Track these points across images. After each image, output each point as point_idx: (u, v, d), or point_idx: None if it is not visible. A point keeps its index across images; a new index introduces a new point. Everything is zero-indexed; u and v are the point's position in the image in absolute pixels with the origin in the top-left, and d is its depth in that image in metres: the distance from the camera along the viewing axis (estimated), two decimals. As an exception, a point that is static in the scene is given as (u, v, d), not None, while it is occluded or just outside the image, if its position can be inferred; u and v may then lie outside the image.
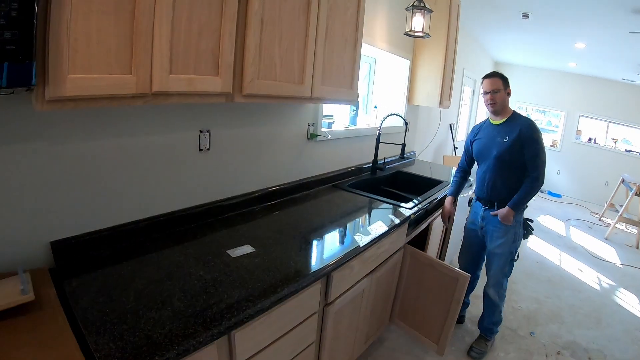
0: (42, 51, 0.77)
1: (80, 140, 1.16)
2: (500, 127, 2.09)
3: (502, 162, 2.06)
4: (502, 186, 2.09)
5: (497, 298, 2.22)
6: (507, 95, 2.07)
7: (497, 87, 2.04)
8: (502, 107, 2.07)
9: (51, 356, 0.79)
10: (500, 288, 2.21)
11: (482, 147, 2.19)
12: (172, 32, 0.97)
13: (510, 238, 2.11)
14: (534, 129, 2.00)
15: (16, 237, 1.08)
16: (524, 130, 1.98)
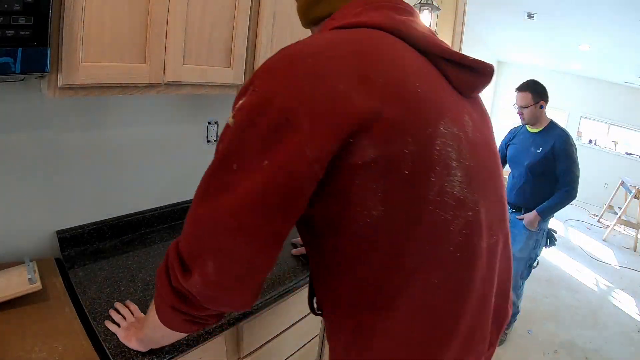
0: (56, 38, 0.76)
1: (87, 129, 1.15)
2: (536, 136, 2.09)
3: (533, 172, 2.07)
4: (531, 194, 2.10)
5: (515, 298, 2.24)
6: (539, 108, 2.04)
7: (526, 103, 2.03)
8: (535, 120, 2.07)
9: (60, 346, 0.78)
10: (517, 289, 2.24)
11: (516, 153, 2.21)
12: (186, 23, 0.96)
13: (531, 244, 2.10)
14: (569, 143, 1.97)
15: (22, 227, 1.07)
16: (558, 144, 1.97)
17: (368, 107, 0.41)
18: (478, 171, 0.52)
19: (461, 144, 0.49)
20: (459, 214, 0.48)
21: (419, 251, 0.48)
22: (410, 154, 0.43)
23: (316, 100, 0.41)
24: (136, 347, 0.79)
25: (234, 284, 0.47)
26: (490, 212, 0.55)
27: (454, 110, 0.50)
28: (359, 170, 0.43)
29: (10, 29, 0.67)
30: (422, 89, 0.45)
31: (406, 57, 0.48)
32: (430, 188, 0.45)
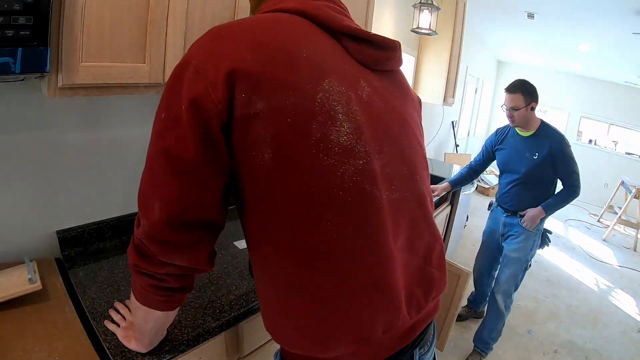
0: (56, 38, 0.76)
1: (87, 129, 1.16)
2: (529, 140, 2.00)
3: (531, 178, 2.00)
4: (528, 198, 2.04)
5: (503, 307, 2.12)
6: (530, 110, 1.95)
7: (517, 104, 1.92)
8: (525, 122, 1.98)
9: (60, 346, 0.78)
10: (508, 298, 2.12)
11: (509, 159, 2.10)
12: (186, 22, 0.96)
13: (529, 245, 2.05)
14: (565, 144, 1.92)
15: (22, 227, 1.08)
16: (555, 147, 1.90)
17: (257, 66, 0.51)
18: (374, 129, 0.59)
19: (351, 102, 0.57)
20: (346, 160, 0.55)
21: (311, 194, 0.54)
22: (292, 105, 0.52)
23: (219, 57, 0.51)
24: (135, 347, 0.79)
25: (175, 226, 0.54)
26: (391, 168, 0.61)
27: (346, 74, 0.58)
28: (251, 119, 0.51)
29: (10, 29, 0.67)
30: (307, 54, 0.55)
31: (304, 32, 0.58)
32: (312, 134, 0.53)
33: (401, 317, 0.62)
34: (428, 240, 0.69)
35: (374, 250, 0.58)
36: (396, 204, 0.61)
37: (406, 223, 0.64)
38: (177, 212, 0.54)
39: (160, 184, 0.55)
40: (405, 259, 0.64)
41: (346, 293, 0.57)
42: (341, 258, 0.56)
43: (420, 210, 0.67)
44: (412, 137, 0.68)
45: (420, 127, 0.75)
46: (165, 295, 0.62)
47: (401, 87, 0.71)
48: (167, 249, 0.56)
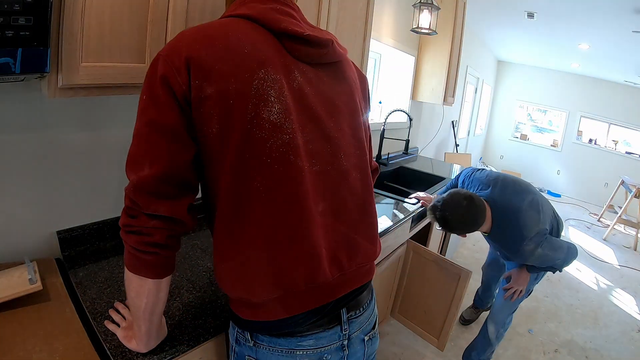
0: (56, 38, 0.76)
1: (87, 129, 1.15)
2: (491, 240, 1.79)
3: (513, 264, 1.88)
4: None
5: (494, 337, 1.98)
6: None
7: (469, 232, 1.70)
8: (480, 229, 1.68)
9: (60, 346, 0.78)
10: (502, 327, 1.96)
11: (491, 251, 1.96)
12: (187, 22, 0.96)
13: (532, 275, 1.84)
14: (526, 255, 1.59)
15: (22, 227, 1.07)
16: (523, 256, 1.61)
17: (208, 60, 0.66)
18: (300, 111, 0.72)
19: (283, 88, 0.70)
20: (274, 135, 0.68)
21: (246, 160, 0.67)
22: (233, 90, 0.66)
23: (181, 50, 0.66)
24: (135, 347, 0.79)
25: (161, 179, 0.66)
26: (313, 144, 0.74)
27: (281, 66, 0.71)
28: (203, 100, 0.66)
29: (10, 30, 0.67)
30: (248, 50, 0.68)
31: (248, 33, 0.70)
32: (248, 113, 0.67)
33: (321, 271, 0.73)
34: (356, 213, 0.81)
35: (295, 209, 0.70)
36: (317, 175, 0.74)
37: (329, 193, 0.76)
38: (163, 167, 0.66)
39: (149, 146, 0.67)
40: (327, 223, 0.75)
41: (269, 242, 0.70)
42: (267, 213, 0.69)
43: (344, 184, 0.79)
44: (341, 120, 0.80)
45: (357, 111, 0.85)
46: (153, 253, 0.69)
47: (338, 77, 0.82)
48: (153, 198, 0.67)
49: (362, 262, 0.82)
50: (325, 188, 0.75)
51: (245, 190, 0.68)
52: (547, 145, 7.45)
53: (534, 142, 7.60)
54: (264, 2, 0.76)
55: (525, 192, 1.67)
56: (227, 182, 0.69)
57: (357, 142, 0.83)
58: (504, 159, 7.88)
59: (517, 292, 1.82)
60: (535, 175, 7.39)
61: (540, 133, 7.66)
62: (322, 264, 0.73)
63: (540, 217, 1.59)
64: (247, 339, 0.78)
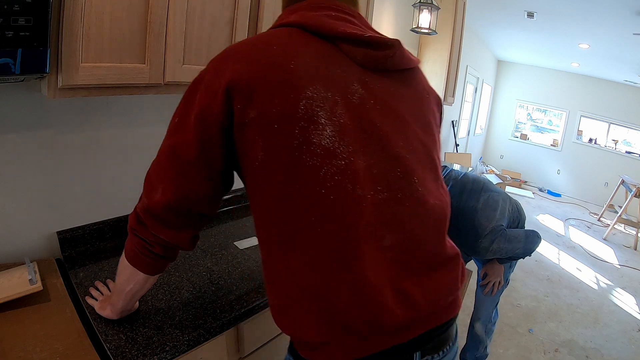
0: (56, 38, 0.76)
1: (87, 129, 1.16)
2: None
3: None
4: None
5: (483, 334, 1.94)
6: None
7: None
8: None
9: (60, 346, 0.78)
10: (489, 322, 1.93)
11: None
12: (186, 22, 0.96)
13: (506, 264, 1.81)
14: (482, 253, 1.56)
15: (23, 227, 1.08)
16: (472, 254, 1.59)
17: (250, 81, 0.59)
18: (360, 131, 0.62)
19: (336, 106, 0.61)
20: (328, 161, 0.59)
21: (297, 191, 0.60)
22: (277, 112, 0.59)
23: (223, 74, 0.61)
24: (109, 314, 0.87)
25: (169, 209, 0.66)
26: (378, 169, 0.63)
27: (335, 80, 0.63)
28: (246, 126, 0.60)
29: (10, 30, 0.67)
30: (294, 65, 0.60)
31: (298, 44, 0.64)
32: (295, 138, 0.59)
33: (386, 311, 0.61)
34: (432, 244, 0.68)
35: (350, 245, 0.60)
36: (385, 203, 0.63)
37: (398, 223, 0.64)
38: (174, 199, 0.65)
39: (165, 173, 0.66)
40: (394, 258, 0.63)
41: (319, 279, 0.61)
42: (317, 248, 0.61)
43: (419, 212, 0.66)
44: (412, 137, 0.68)
45: (430, 126, 0.74)
46: (152, 258, 0.73)
47: (409, 87, 0.72)
48: (158, 224, 0.68)
49: (441, 295, 0.68)
50: (394, 218, 0.64)
51: (294, 223, 0.61)
52: (547, 145, 7.45)
53: (534, 141, 7.60)
54: (317, 9, 0.68)
55: (482, 190, 1.66)
56: (275, 214, 0.62)
57: (430, 162, 0.71)
58: (504, 158, 7.88)
59: (495, 284, 1.80)
60: (536, 174, 7.39)
61: (540, 133, 7.66)
62: (385, 303, 0.61)
63: (496, 215, 1.58)
64: None
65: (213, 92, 0.60)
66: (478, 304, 1.95)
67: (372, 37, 0.65)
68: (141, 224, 0.70)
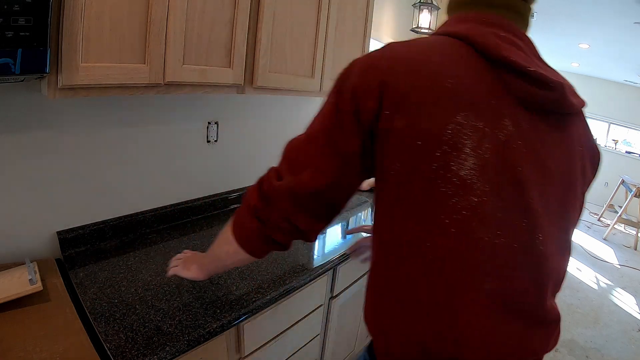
0: (56, 38, 0.76)
1: (87, 129, 1.15)
2: None
3: None
4: None
5: None
6: None
7: None
8: None
9: (61, 347, 0.78)
10: None
11: None
12: (186, 22, 0.96)
13: None
14: None
15: (23, 227, 1.08)
16: None
17: (404, 90, 0.56)
18: (500, 172, 0.57)
19: (484, 139, 0.56)
20: (461, 193, 0.55)
21: (421, 212, 0.58)
22: (424, 130, 0.55)
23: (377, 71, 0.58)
24: (195, 274, 0.89)
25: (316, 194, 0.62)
26: (504, 214, 0.57)
27: (488, 110, 0.57)
28: (390, 133, 0.57)
29: (10, 30, 0.67)
30: (452, 84, 0.56)
31: (459, 61, 0.59)
32: (435, 161, 0.55)
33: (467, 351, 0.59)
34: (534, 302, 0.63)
35: (454, 281, 0.58)
36: (498, 249, 0.58)
37: (507, 272, 0.59)
38: (323, 184, 0.61)
39: (317, 156, 0.62)
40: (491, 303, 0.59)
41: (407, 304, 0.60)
42: (416, 276, 0.59)
43: (530, 269, 0.60)
44: (550, 191, 0.62)
45: (574, 186, 0.67)
46: (268, 244, 0.69)
47: (564, 135, 0.66)
48: (298, 210, 0.63)
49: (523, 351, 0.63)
50: (504, 266, 0.59)
51: (406, 246, 0.59)
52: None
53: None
54: (487, 25, 0.62)
55: None
56: (390, 233, 0.61)
57: (562, 224, 0.66)
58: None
59: None
60: (536, 174, 7.38)
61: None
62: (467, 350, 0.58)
63: None
64: None
65: (368, 82, 0.58)
66: None
67: (537, 72, 0.59)
68: (270, 205, 0.64)
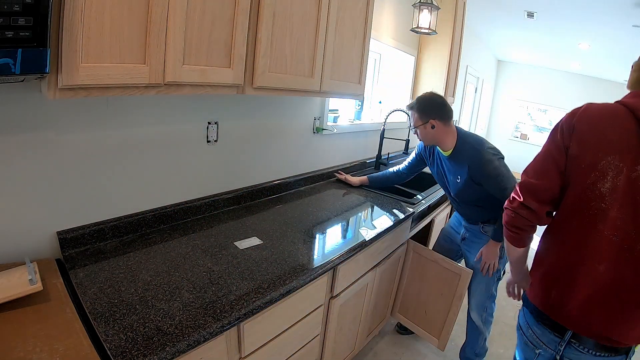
0: (56, 38, 0.76)
1: (87, 130, 1.16)
2: (449, 161, 1.78)
3: (462, 200, 1.82)
4: (474, 214, 1.85)
5: (481, 323, 1.95)
6: (431, 128, 1.71)
7: (415, 122, 1.76)
8: (435, 141, 1.76)
9: (61, 347, 0.78)
10: (483, 311, 1.93)
11: (438, 178, 1.93)
12: (186, 22, 0.96)
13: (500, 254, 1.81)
14: (484, 162, 1.63)
15: (22, 227, 1.07)
16: (473, 168, 1.65)
17: (584, 136, 0.97)
18: (626, 193, 0.91)
19: (620, 174, 0.92)
20: (599, 200, 0.95)
21: (573, 204, 1.00)
22: (587, 161, 0.95)
23: (569, 123, 1.00)
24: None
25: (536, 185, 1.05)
26: (621, 222, 0.92)
27: (630, 156, 0.91)
28: (571, 157, 0.98)
29: (10, 30, 0.67)
30: (610, 137, 0.93)
31: (619, 120, 0.93)
32: (589, 179, 0.96)
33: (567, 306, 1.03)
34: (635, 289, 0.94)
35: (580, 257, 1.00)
36: (612, 244, 0.94)
37: (614, 261, 0.94)
38: (542, 181, 1.04)
39: (539, 166, 1.06)
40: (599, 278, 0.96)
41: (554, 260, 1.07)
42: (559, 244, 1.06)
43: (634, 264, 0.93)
44: None
45: None
46: (514, 231, 1.11)
47: None
48: (528, 195, 1.05)
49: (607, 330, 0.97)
50: (616, 257, 0.94)
51: (562, 221, 1.04)
52: (547, 145, 7.44)
53: (534, 141, 7.59)
54: None
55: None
56: (560, 212, 1.05)
57: None
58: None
59: (490, 267, 1.80)
60: (536, 174, 7.37)
61: (540, 132, 7.66)
62: (572, 300, 1.01)
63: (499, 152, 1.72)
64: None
65: (568, 127, 0.99)
66: (470, 293, 1.97)
67: None
68: (511, 201, 1.11)
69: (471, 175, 1.67)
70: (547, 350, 1.10)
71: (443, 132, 1.72)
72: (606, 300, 0.96)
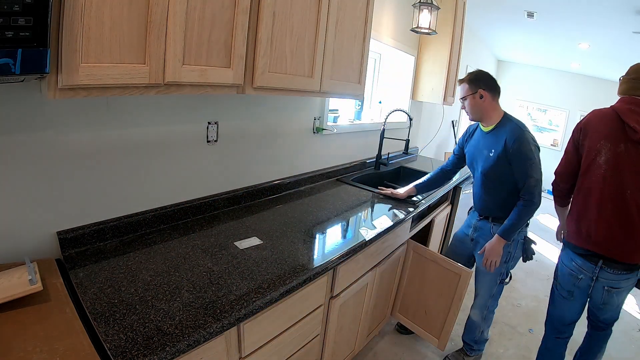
0: (56, 39, 0.76)
1: (87, 130, 1.16)
2: (488, 136, 1.80)
3: (488, 179, 1.80)
4: (492, 203, 1.84)
5: (480, 319, 2.00)
6: (479, 98, 1.76)
7: (464, 93, 1.79)
8: (481, 114, 1.80)
9: (61, 347, 0.78)
10: (484, 309, 1.97)
11: (471, 157, 1.92)
12: (186, 22, 0.96)
13: (502, 257, 1.82)
14: (522, 140, 1.67)
15: (22, 227, 1.07)
16: (510, 143, 1.67)
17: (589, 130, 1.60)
18: (614, 164, 1.49)
19: (609, 151, 1.50)
20: (597, 167, 1.54)
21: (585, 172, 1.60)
22: (590, 145, 1.57)
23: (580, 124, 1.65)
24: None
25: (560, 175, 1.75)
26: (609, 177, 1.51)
27: (615, 141, 1.49)
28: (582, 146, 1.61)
29: (10, 30, 0.67)
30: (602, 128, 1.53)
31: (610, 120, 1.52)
32: (592, 156, 1.56)
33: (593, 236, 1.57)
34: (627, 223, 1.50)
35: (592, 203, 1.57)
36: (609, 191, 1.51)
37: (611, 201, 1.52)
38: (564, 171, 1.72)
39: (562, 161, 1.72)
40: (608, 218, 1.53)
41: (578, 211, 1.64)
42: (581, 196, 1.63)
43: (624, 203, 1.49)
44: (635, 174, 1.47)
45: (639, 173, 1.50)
46: (557, 197, 1.80)
47: None
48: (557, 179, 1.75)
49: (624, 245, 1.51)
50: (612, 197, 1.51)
51: (580, 183, 1.63)
52: (547, 145, 7.44)
53: (534, 141, 7.58)
54: (628, 103, 1.50)
55: None
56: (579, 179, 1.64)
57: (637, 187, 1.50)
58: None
59: (493, 263, 1.82)
60: (536, 174, 7.35)
61: (540, 132, 7.65)
62: (596, 231, 1.55)
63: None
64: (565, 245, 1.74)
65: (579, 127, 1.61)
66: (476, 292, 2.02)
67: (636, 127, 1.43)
68: (554, 182, 1.76)
69: (506, 149, 1.70)
70: (586, 275, 1.59)
71: (490, 106, 1.81)
72: (613, 229, 1.51)
